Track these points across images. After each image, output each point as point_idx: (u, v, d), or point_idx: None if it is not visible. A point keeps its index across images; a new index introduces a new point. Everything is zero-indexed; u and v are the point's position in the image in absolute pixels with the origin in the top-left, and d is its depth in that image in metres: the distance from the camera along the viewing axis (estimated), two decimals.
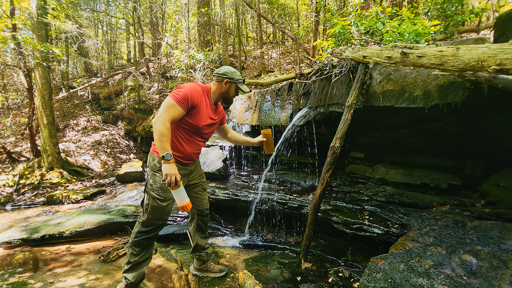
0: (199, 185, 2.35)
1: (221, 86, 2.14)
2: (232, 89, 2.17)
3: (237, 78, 2.15)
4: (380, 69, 2.78)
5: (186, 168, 2.18)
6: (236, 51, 11.61)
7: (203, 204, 2.38)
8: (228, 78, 2.13)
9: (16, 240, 3.41)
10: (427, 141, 3.18)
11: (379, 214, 2.71)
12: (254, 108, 4.74)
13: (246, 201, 3.51)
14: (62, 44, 12.01)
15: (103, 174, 7.70)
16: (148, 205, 2.03)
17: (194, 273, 2.46)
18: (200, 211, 2.37)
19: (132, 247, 2.06)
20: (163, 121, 1.84)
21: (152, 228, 2.06)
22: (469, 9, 4.80)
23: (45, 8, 6.98)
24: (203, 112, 2.07)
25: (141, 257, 2.08)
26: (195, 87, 2.03)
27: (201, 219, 2.39)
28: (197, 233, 2.40)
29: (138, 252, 2.06)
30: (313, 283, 2.26)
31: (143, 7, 11.64)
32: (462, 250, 1.93)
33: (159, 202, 2.01)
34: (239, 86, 2.16)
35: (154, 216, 2.04)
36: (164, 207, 2.04)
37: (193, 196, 2.31)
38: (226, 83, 2.14)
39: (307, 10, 11.24)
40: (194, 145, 2.15)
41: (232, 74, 2.13)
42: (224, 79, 2.13)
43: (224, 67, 2.20)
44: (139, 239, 2.05)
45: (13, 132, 9.52)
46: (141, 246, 2.06)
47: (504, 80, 1.80)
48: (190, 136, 2.10)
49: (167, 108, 1.88)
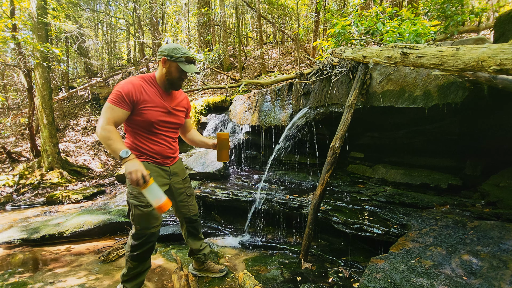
0: (183, 191, 2.17)
1: (161, 67, 1.84)
2: (172, 69, 1.82)
3: (177, 56, 1.79)
4: (380, 69, 2.78)
5: (164, 168, 1.99)
6: (236, 51, 11.61)
7: (190, 210, 2.23)
8: (166, 56, 1.79)
9: (16, 240, 3.41)
10: (427, 141, 3.18)
11: (379, 214, 2.71)
12: (254, 108, 4.74)
13: (246, 201, 3.51)
14: (62, 44, 12.02)
15: (103, 174, 7.70)
16: (132, 215, 1.88)
17: (194, 273, 2.44)
18: (188, 218, 2.24)
19: (129, 261, 1.94)
20: (102, 127, 1.64)
21: (144, 239, 1.88)
22: (469, 9, 4.80)
23: (45, 8, 6.99)
24: (152, 103, 1.81)
25: (141, 269, 1.98)
26: (131, 80, 1.78)
27: (191, 225, 2.28)
28: (189, 238, 2.32)
29: (136, 265, 1.95)
30: (313, 283, 2.26)
31: (143, 7, 11.64)
32: (462, 250, 1.93)
33: (141, 209, 1.84)
34: (181, 66, 1.80)
35: (142, 225, 1.87)
36: (149, 213, 1.85)
37: (178, 203, 2.17)
38: (165, 62, 1.81)
39: (307, 10, 11.24)
40: (162, 142, 1.94)
41: (171, 51, 1.79)
42: (161, 57, 1.81)
43: (168, 44, 1.88)
44: (135, 253, 1.90)
45: (13, 132, 9.52)
46: (139, 259, 1.94)
47: (504, 80, 1.80)
48: (151, 134, 1.89)
49: (103, 113, 1.69)
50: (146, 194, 1.60)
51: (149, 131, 1.88)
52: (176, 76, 1.85)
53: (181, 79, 1.88)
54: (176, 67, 1.82)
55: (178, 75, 1.85)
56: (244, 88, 6.60)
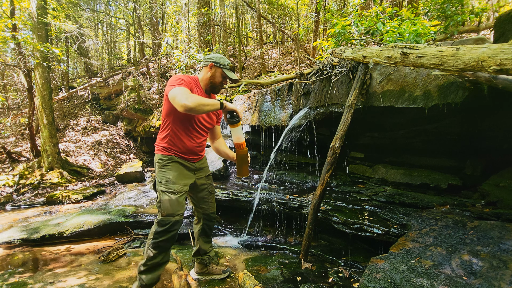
0: (206, 187, 2.30)
1: (207, 71, 2.09)
2: (217, 74, 2.08)
3: (223, 63, 2.07)
4: (380, 69, 2.78)
5: (191, 164, 2.14)
6: (236, 51, 11.61)
7: (210, 207, 2.33)
8: (214, 62, 2.07)
9: (16, 240, 3.41)
10: (427, 141, 3.18)
11: (379, 214, 2.71)
12: (254, 108, 4.74)
13: (246, 201, 3.51)
14: (62, 44, 12.02)
15: (103, 174, 7.70)
16: (160, 201, 1.99)
17: (196, 277, 2.39)
18: (207, 215, 2.33)
19: (150, 249, 1.97)
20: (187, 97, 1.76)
21: (168, 226, 1.96)
22: (469, 9, 4.80)
23: (45, 8, 6.99)
24: None
25: (160, 259, 2.00)
26: (181, 76, 1.99)
27: (207, 224, 2.35)
28: (201, 237, 2.35)
29: (156, 255, 1.97)
30: (313, 283, 2.26)
31: (143, 7, 11.65)
32: (462, 250, 1.93)
33: (170, 195, 1.97)
34: (225, 72, 2.07)
35: (168, 211, 1.96)
36: (176, 199, 1.98)
37: (200, 199, 2.27)
38: (212, 67, 2.07)
39: (307, 10, 11.24)
40: (194, 139, 2.11)
41: (218, 59, 2.08)
42: (209, 62, 2.07)
43: (213, 53, 2.14)
44: (157, 240, 1.96)
45: (13, 132, 9.52)
46: (159, 248, 1.97)
47: (504, 80, 1.80)
48: (187, 131, 2.06)
49: (178, 92, 1.80)
50: (234, 131, 2.02)
51: (186, 127, 2.06)
52: (219, 81, 2.10)
53: (222, 84, 2.13)
54: (221, 73, 2.08)
55: (221, 80, 2.11)
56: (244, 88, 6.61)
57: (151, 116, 9.22)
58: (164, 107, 2.05)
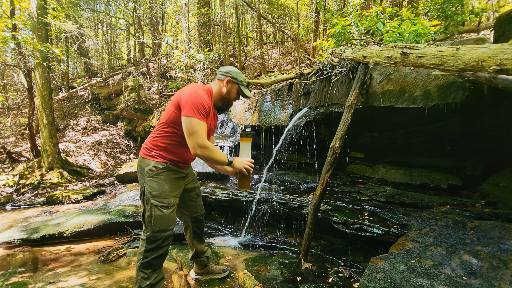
0: (194, 190, 2.24)
1: (222, 86, 1.97)
2: (233, 90, 1.99)
3: (240, 80, 1.99)
4: (380, 69, 2.78)
5: (182, 171, 2.04)
6: (236, 51, 11.61)
7: (198, 210, 2.28)
8: (231, 77, 1.96)
9: (16, 240, 3.41)
10: (427, 141, 3.18)
11: (379, 214, 2.71)
12: (254, 108, 4.74)
13: (246, 201, 3.51)
14: (62, 44, 12.01)
15: (103, 174, 7.70)
16: (150, 216, 1.83)
17: (196, 277, 2.39)
18: (194, 217, 2.27)
19: (142, 270, 1.84)
20: (202, 145, 1.73)
21: (160, 242, 1.85)
22: (469, 9, 4.80)
23: (45, 8, 6.98)
24: (209, 118, 1.91)
25: (154, 279, 1.87)
26: (202, 94, 1.84)
27: (197, 225, 2.30)
28: (194, 240, 2.30)
29: (150, 275, 1.85)
30: (313, 283, 2.26)
31: (143, 7, 11.64)
32: (462, 250, 1.93)
33: (163, 209, 1.83)
34: (242, 89, 1.99)
35: (160, 227, 1.83)
36: (169, 214, 1.86)
37: (187, 202, 2.21)
38: (228, 82, 1.96)
39: (307, 10, 11.24)
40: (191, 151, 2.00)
41: (236, 74, 1.98)
42: (226, 77, 1.96)
43: (228, 66, 2.04)
44: (149, 259, 1.83)
45: (13, 132, 9.52)
46: (152, 267, 1.86)
47: (504, 80, 1.80)
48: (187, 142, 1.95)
49: (195, 130, 1.74)
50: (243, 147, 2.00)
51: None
52: (234, 97, 2.03)
53: (235, 100, 2.07)
54: (237, 89, 2.01)
55: (236, 96, 2.04)
56: None
57: (151, 116, 9.22)
58: (171, 114, 1.86)
